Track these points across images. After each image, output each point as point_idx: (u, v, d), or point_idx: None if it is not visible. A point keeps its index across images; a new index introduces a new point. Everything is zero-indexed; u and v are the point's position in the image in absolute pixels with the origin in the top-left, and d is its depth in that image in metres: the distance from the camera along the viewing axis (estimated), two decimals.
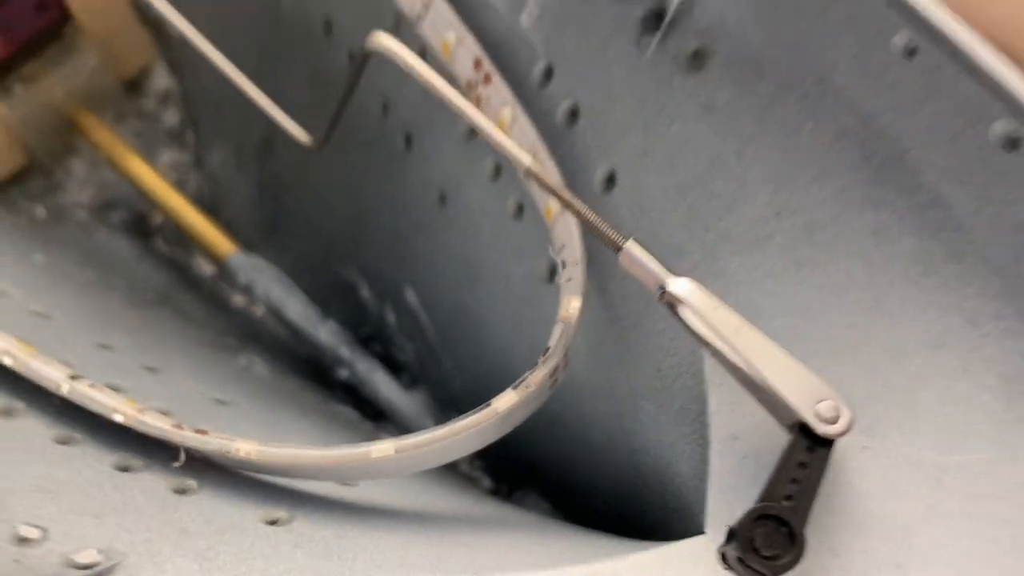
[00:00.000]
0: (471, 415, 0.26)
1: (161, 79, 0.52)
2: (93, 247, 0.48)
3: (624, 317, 0.30)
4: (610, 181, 0.31)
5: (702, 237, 0.28)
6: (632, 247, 0.25)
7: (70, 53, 0.48)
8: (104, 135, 0.49)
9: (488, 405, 0.27)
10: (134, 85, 0.52)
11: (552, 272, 0.33)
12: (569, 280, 0.29)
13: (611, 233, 0.25)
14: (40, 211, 0.49)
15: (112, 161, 0.49)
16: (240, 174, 0.50)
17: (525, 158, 0.26)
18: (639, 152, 0.30)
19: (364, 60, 0.30)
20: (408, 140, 0.39)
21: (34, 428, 0.27)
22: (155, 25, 0.51)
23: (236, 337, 0.46)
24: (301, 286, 0.47)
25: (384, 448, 0.26)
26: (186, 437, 0.27)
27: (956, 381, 0.24)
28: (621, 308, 0.30)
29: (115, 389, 0.31)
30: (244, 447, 0.27)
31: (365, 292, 0.45)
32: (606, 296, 0.31)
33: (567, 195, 0.26)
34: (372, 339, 0.46)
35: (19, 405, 0.28)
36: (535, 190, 0.32)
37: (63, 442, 0.27)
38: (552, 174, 0.31)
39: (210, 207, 0.51)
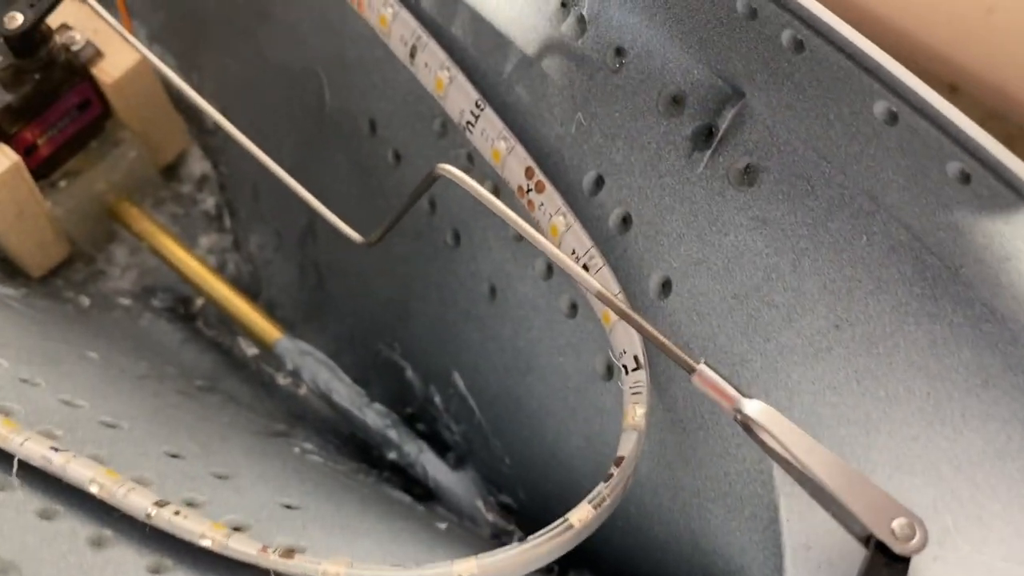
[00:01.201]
0: (548, 532, 0.28)
1: (197, 164, 0.53)
2: (140, 334, 0.49)
3: (687, 420, 0.31)
4: (665, 287, 0.32)
5: (763, 347, 0.29)
6: (705, 369, 0.26)
7: (111, 146, 0.49)
8: (144, 224, 0.50)
9: (565, 520, 0.28)
10: (171, 171, 0.53)
11: (609, 369, 0.34)
12: (633, 388, 0.30)
13: (684, 355, 0.26)
14: (84, 300, 0.50)
15: (154, 249, 0.50)
16: (280, 256, 0.51)
17: (594, 283, 0.27)
18: (694, 261, 0.31)
19: (430, 183, 0.31)
20: (456, 236, 0.40)
21: (126, 557, 0.28)
22: (190, 112, 0.53)
23: (285, 420, 0.47)
24: (343, 363, 0.48)
25: (468, 566, 0.27)
26: (274, 563, 0.28)
27: (1022, 490, 0.26)
28: (684, 411, 0.31)
29: (193, 505, 0.32)
30: (332, 569, 0.28)
31: (410, 373, 0.46)
32: (668, 397, 0.32)
33: (637, 317, 0.27)
34: (418, 418, 0.47)
35: (108, 533, 0.29)
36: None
37: (155, 571, 0.28)
38: (609, 281, 0.32)
39: (250, 288, 0.52)
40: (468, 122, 0.36)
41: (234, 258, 0.53)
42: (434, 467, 0.44)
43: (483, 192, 0.29)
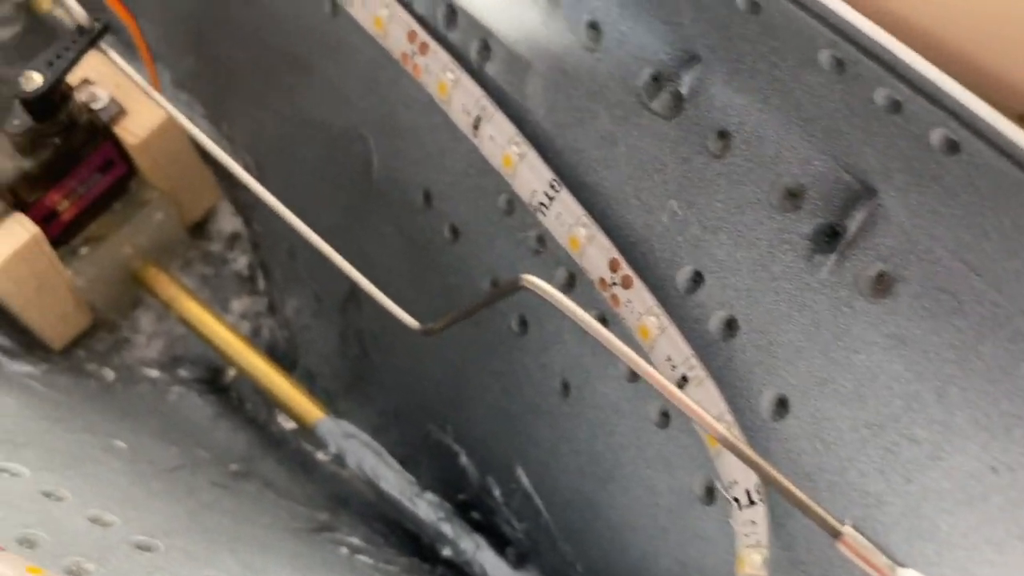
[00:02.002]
0: None
1: (228, 220, 0.50)
2: (168, 410, 0.45)
3: (810, 563, 0.27)
4: (781, 406, 0.28)
5: (903, 488, 0.25)
6: (852, 533, 0.22)
7: (136, 208, 0.45)
8: (171, 289, 0.46)
9: None
10: (200, 228, 0.49)
11: (710, 491, 0.31)
12: (748, 530, 0.26)
13: (826, 514, 0.22)
14: (108, 373, 0.46)
15: (182, 317, 0.46)
16: (319, 322, 0.48)
17: (717, 426, 0.23)
18: (817, 379, 0.27)
19: (509, 292, 0.28)
20: (523, 322, 0.36)
21: None
22: (220, 165, 0.49)
23: (327, 507, 0.43)
24: (388, 440, 0.45)
25: None
26: None
27: None
28: (805, 552, 0.27)
29: None
30: None
31: (464, 459, 0.42)
32: (784, 533, 0.28)
33: (767, 466, 0.23)
34: (472, 506, 0.43)
35: None
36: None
37: None
38: (713, 398, 0.28)
39: (286, 356, 0.48)
40: (541, 203, 0.32)
41: (269, 323, 0.49)
42: (493, 566, 0.40)
43: (579, 312, 0.25)
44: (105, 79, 0.43)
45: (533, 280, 0.26)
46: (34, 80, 0.39)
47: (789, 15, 0.25)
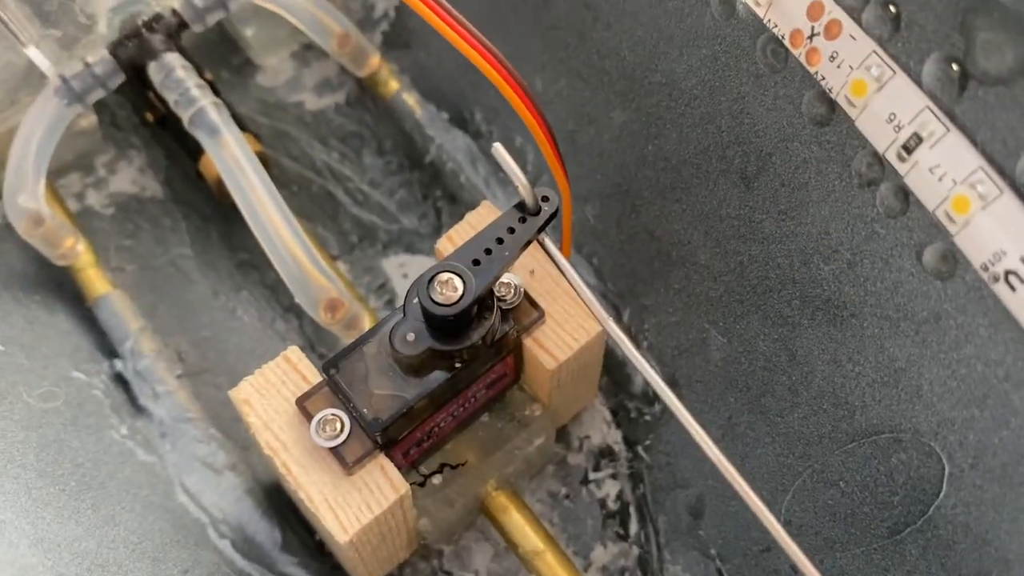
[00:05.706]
0: None
1: (597, 429, 0.36)
2: None
3: None
4: None
5: None
6: None
7: (513, 427, 0.32)
8: (524, 526, 0.33)
9: None
10: (558, 434, 0.36)
11: None
12: None
13: None
14: None
15: (530, 566, 0.33)
16: None
17: None
18: None
19: None
20: None
21: None
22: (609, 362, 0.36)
23: None
24: None
25: None
26: None
27: None
28: None
29: None
30: None
31: None
32: None
33: None
34: None
35: None
36: None
37: None
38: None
39: None
40: None
41: None
42: None
43: None
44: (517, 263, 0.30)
45: None
46: (454, 288, 0.26)
47: None
